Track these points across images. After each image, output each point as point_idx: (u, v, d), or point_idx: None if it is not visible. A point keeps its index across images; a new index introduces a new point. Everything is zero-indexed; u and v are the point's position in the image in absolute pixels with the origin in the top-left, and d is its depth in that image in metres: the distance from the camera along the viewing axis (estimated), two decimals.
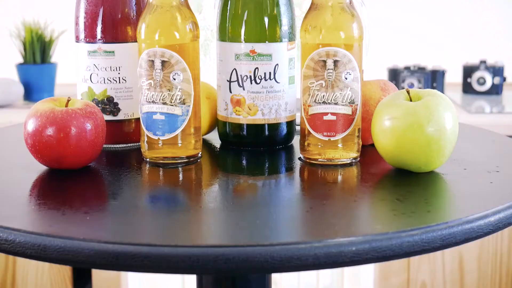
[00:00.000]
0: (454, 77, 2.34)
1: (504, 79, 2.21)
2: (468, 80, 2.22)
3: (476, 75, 2.20)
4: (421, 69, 2.16)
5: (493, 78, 2.19)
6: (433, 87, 2.15)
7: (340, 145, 0.90)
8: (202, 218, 0.73)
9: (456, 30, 2.45)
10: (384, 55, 2.33)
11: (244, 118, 0.97)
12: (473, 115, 1.96)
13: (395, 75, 2.17)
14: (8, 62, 2.30)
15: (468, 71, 2.22)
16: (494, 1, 2.46)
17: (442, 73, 2.16)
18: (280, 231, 0.69)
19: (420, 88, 2.15)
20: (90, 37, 0.98)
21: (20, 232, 0.67)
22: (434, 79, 2.16)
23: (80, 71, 1.00)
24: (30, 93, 2.18)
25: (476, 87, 2.21)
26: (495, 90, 2.20)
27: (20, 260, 1.84)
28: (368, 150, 0.96)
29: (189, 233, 0.69)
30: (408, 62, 2.26)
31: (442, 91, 2.17)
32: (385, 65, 2.24)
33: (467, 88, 2.23)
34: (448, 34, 2.44)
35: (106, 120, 0.92)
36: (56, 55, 2.24)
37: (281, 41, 0.96)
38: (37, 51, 2.15)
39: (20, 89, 2.13)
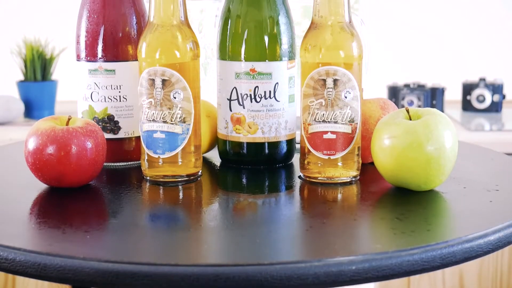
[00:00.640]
0: (453, 95, 2.35)
1: (504, 97, 2.22)
2: (468, 97, 2.23)
3: (476, 92, 2.20)
4: (421, 87, 2.16)
5: (492, 95, 2.20)
6: (432, 105, 2.16)
7: (340, 164, 0.90)
8: (202, 237, 0.73)
9: (456, 48, 2.46)
10: (383, 73, 2.33)
11: (244, 136, 0.97)
12: (472, 133, 1.96)
13: (394, 93, 2.17)
14: (9, 80, 2.30)
15: (468, 88, 2.23)
16: (493, 19, 2.47)
17: (442, 90, 2.16)
18: (280, 250, 0.69)
19: (419, 105, 2.15)
20: (91, 56, 0.98)
21: (20, 251, 0.67)
22: (433, 96, 2.16)
23: (81, 90, 1.00)
24: (31, 111, 2.18)
25: (476, 104, 2.21)
26: (495, 107, 2.21)
27: (20, 277, 1.83)
28: (368, 169, 0.96)
29: (189, 252, 0.69)
30: (408, 79, 2.26)
31: (441, 108, 2.17)
32: (384, 82, 2.24)
33: (467, 106, 2.24)
34: (448, 52, 2.45)
35: (106, 138, 0.93)
36: (56, 72, 2.25)
37: (281, 59, 0.96)
38: (38, 68, 2.15)
39: (21, 107, 2.13)
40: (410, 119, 0.87)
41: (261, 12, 0.96)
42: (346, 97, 0.88)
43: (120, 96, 0.98)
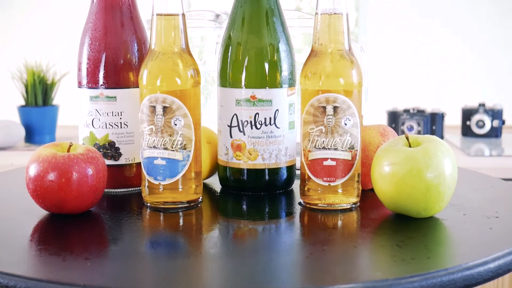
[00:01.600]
0: (453, 120, 2.36)
1: (503, 122, 2.22)
2: (467, 123, 2.23)
3: (475, 118, 2.21)
4: (421, 112, 2.17)
5: (492, 121, 2.21)
6: (432, 130, 2.16)
7: (340, 190, 0.90)
8: (202, 264, 0.73)
9: (455, 73, 2.47)
10: (383, 98, 2.34)
11: (244, 163, 0.97)
12: (472, 158, 1.96)
13: (394, 118, 2.18)
14: (10, 104, 2.31)
15: (467, 114, 2.24)
16: (492, 45, 2.48)
17: (442, 115, 2.17)
18: (280, 278, 0.69)
19: (419, 130, 2.16)
20: (93, 83, 0.99)
21: (20, 278, 0.67)
22: (433, 121, 2.17)
23: (82, 116, 1.00)
24: (31, 135, 2.19)
25: (475, 130, 2.22)
26: (494, 133, 2.22)
27: None
28: (368, 195, 0.96)
29: (190, 280, 0.69)
30: (408, 104, 2.27)
31: (441, 133, 2.18)
32: (384, 107, 2.25)
33: (466, 131, 2.24)
34: (447, 77, 2.46)
35: (107, 165, 0.93)
36: (58, 97, 2.26)
37: (281, 86, 0.97)
38: (39, 93, 2.16)
39: (22, 131, 2.14)
40: (410, 146, 0.87)
41: (262, 40, 0.97)
42: (346, 124, 0.89)
43: (121, 123, 0.99)
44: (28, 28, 2.86)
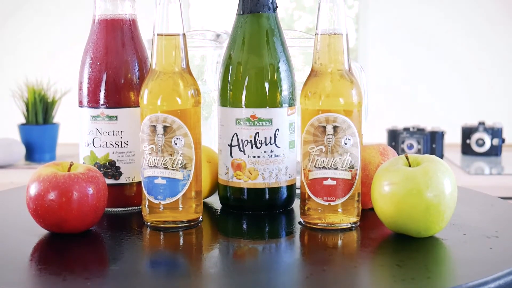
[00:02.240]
0: (453, 138, 2.36)
1: (503, 141, 2.23)
2: (467, 141, 2.24)
3: (475, 136, 2.22)
4: (420, 130, 2.17)
5: (492, 139, 2.21)
6: (432, 148, 2.16)
7: (340, 210, 0.90)
8: (202, 284, 0.73)
9: (455, 92, 2.47)
10: (383, 116, 2.35)
11: (244, 182, 0.98)
12: (472, 177, 1.96)
13: (394, 136, 2.18)
14: (11, 122, 2.32)
15: (467, 132, 2.24)
16: (492, 63, 2.49)
17: (441, 134, 2.18)
18: None
19: (419, 149, 2.16)
20: (93, 102, 0.99)
21: None
22: (433, 140, 2.17)
23: (83, 136, 1.01)
24: (32, 154, 2.19)
25: (475, 148, 2.22)
26: (494, 151, 2.22)
27: None
28: (368, 214, 0.96)
29: None
30: (407, 123, 2.27)
31: (441, 152, 2.18)
32: (384, 126, 2.26)
33: (466, 149, 2.24)
34: (447, 96, 2.47)
35: (107, 184, 0.93)
36: (58, 115, 2.26)
37: (281, 106, 0.97)
38: (40, 111, 2.17)
39: (22, 150, 2.14)
40: (410, 166, 0.88)
41: (262, 59, 0.97)
42: (346, 144, 0.89)
43: (121, 142, 0.99)
44: (29, 47, 2.87)
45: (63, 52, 2.61)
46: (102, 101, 0.99)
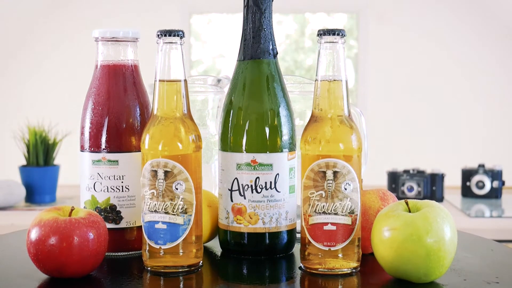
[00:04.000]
0: (453, 181, 2.36)
1: (503, 183, 2.23)
2: (467, 183, 2.24)
3: (475, 178, 2.22)
4: (420, 173, 2.18)
5: (491, 182, 2.21)
6: (432, 191, 2.17)
7: (340, 255, 0.90)
8: None
9: (455, 135, 2.48)
10: (383, 159, 2.35)
11: (245, 226, 0.98)
12: (472, 219, 1.96)
13: (394, 178, 2.18)
14: (11, 164, 2.32)
15: (467, 174, 2.24)
16: (492, 106, 2.50)
17: (441, 176, 2.18)
18: None
19: (419, 191, 2.16)
20: (95, 147, 1.00)
21: None
22: (433, 182, 2.17)
23: (84, 180, 1.01)
24: (32, 195, 2.19)
25: (475, 190, 2.22)
26: (494, 193, 2.22)
27: None
28: (368, 259, 0.96)
29: None
30: (407, 165, 2.28)
31: (441, 194, 2.18)
32: (384, 168, 2.26)
33: (466, 192, 2.25)
34: (447, 139, 2.48)
35: (108, 228, 0.93)
36: (59, 157, 2.27)
37: (281, 151, 0.98)
38: (41, 153, 2.17)
39: (22, 191, 2.14)
40: (410, 211, 0.88)
41: (262, 105, 0.98)
42: (346, 189, 0.89)
43: (122, 186, 1.00)
44: (31, 89, 2.89)
45: (65, 94, 2.63)
46: (103, 145, 1.00)
